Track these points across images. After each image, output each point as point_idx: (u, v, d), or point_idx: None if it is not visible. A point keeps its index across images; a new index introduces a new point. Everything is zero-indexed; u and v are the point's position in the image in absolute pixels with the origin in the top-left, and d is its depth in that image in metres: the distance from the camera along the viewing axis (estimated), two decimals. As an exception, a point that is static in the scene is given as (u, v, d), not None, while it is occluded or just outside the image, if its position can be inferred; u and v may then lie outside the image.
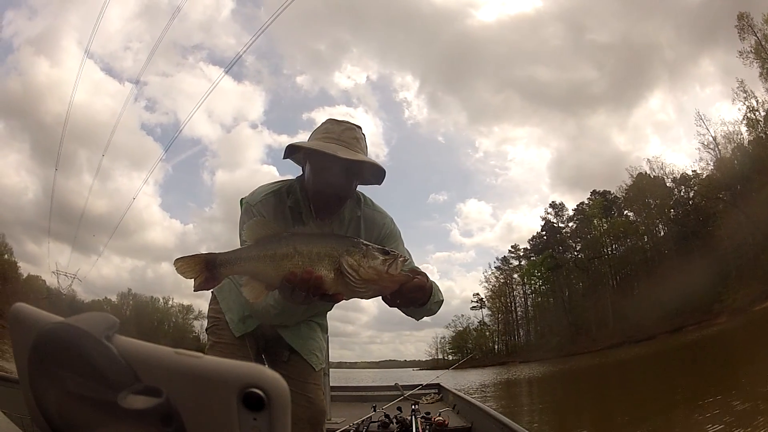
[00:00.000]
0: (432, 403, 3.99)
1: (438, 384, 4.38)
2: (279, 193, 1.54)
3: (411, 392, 4.16)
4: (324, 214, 1.54)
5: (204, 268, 1.17)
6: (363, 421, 3.02)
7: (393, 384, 4.62)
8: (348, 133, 1.44)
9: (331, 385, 3.42)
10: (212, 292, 1.85)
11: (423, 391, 4.26)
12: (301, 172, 1.57)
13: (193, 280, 1.17)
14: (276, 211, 1.52)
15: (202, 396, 0.33)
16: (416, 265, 1.49)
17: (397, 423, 2.95)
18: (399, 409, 3.20)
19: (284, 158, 1.50)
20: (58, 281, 46.59)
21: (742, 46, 32.26)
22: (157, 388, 0.33)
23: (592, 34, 59.59)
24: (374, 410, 3.27)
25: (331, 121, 1.48)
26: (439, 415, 3.01)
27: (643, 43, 50.46)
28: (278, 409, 0.33)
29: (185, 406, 0.34)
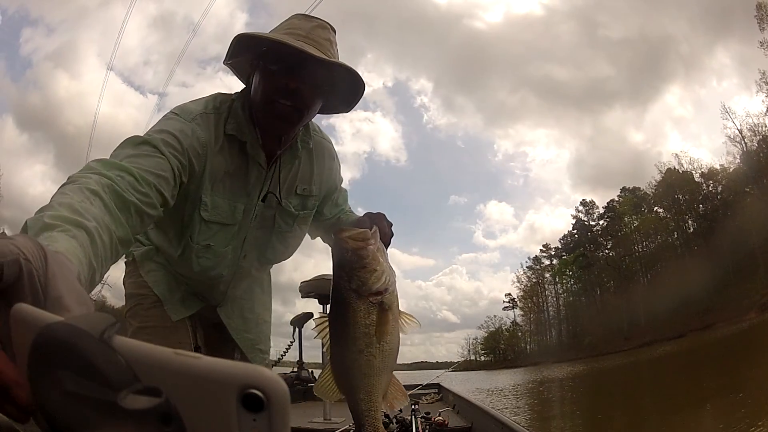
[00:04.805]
0: (432, 402, 3.99)
1: (438, 384, 4.38)
2: (219, 112, 1.14)
3: (411, 392, 4.16)
4: (273, 143, 1.18)
5: None
6: None
7: None
8: (319, 31, 1.10)
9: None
10: (127, 259, 1.41)
11: (423, 391, 4.25)
12: (244, 86, 1.21)
13: None
14: (215, 138, 1.12)
15: (202, 397, 0.33)
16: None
17: (396, 423, 2.95)
18: (399, 409, 3.19)
19: (225, 61, 1.16)
20: (88, 288, 46.99)
21: (762, 36, 32.37)
22: (157, 388, 0.33)
23: (605, 30, 59.13)
24: None
25: (297, 16, 1.14)
26: (439, 415, 3.01)
27: (657, 36, 50.27)
28: (278, 410, 0.33)
29: (185, 406, 0.34)
